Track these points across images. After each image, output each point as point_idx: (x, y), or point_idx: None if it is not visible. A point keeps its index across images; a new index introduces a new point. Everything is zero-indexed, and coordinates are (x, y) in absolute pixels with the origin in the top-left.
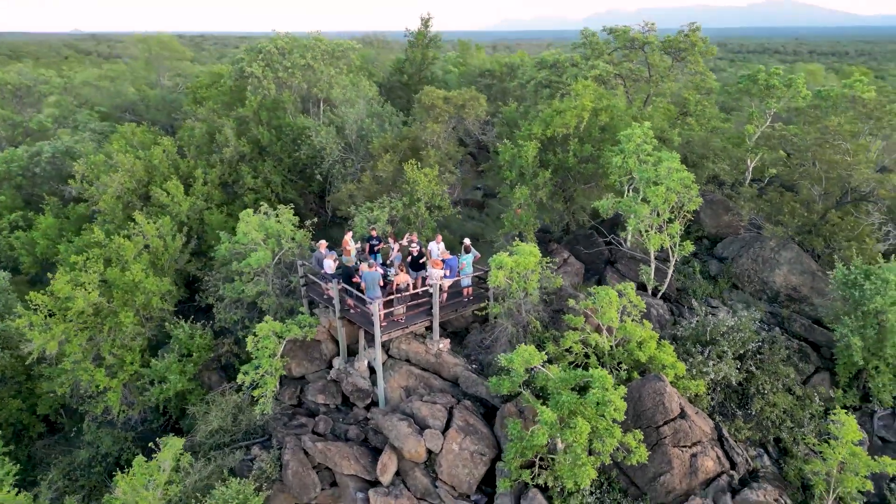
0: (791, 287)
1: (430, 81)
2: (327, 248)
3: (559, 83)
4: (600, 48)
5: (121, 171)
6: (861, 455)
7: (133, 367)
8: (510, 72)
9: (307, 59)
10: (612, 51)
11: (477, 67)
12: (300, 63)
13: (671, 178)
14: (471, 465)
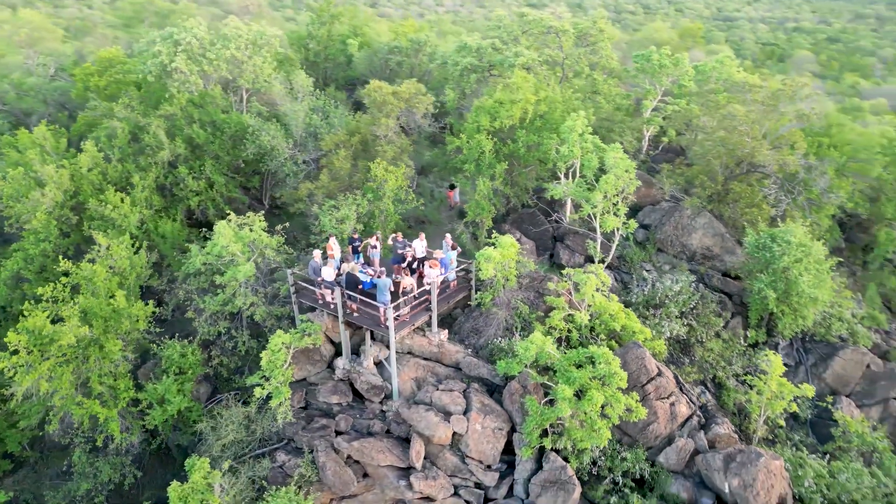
0: (705, 248)
1: (337, 60)
2: (322, 256)
3: (484, 68)
4: (516, 33)
5: (49, 185)
6: (786, 385)
7: (129, 393)
8: (417, 48)
9: (231, 51)
10: (529, 37)
11: (385, 44)
12: (225, 55)
13: (617, 166)
14: (493, 440)
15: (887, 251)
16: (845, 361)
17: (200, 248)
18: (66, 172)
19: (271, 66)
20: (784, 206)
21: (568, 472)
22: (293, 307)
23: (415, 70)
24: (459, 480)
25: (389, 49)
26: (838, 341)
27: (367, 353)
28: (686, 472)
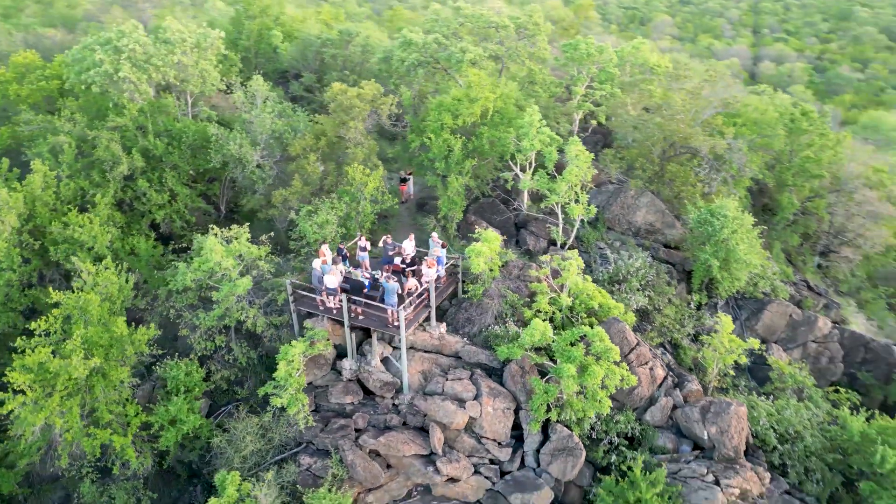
0: (649, 223)
1: (267, 55)
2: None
3: (430, 64)
4: (454, 27)
5: (4, 210)
6: (736, 340)
7: (139, 418)
8: (347, 39)
9: (178, 55)
10: (470, 31)
11: (315, 37)
12: (172, 60)
13: (578, 160)
14: (503, 420)
15: (789, 213)
16: (772, 313)
17: (187, 265)
18: (20, 196)
19: (217, 70)
20: (715, 183)
21: (574, 440)
22: (291, 315)
23: (347, 63)
24: (477, 459)
25: (322, 42)
26: (763, 296)
27: (374, 352)
28: (667, 426)
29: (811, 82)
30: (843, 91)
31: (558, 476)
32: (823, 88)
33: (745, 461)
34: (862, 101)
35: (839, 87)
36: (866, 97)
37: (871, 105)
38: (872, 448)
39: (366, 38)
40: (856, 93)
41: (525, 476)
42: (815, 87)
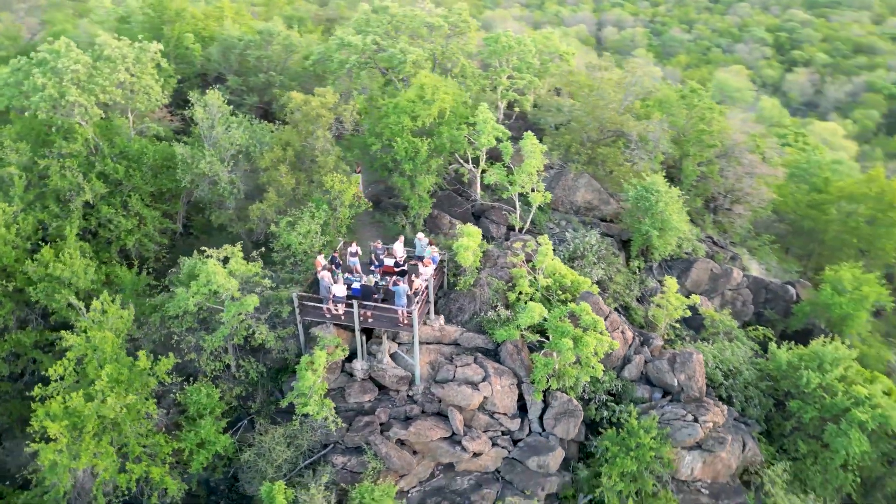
0: (587, 202)
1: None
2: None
3: (372, 65)
4: (386, 27)
5: None
6: (680, 298)
7: (170, 446)
8: (268, 39)
9: (121, 73)
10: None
11: (236, 38)
12: (116, 79)
13: (535, 153)
14: (510, 394)
15: (692, 179)
16: (698, 270)
17: (186, 289)
18: None
19: (160, 84)
20: (643, 162)
21: (574, 403)
22: (297, 326)
23: (270, 64)
24: (492, 433)
25: (245, 43)
26: (687, 256)
27: (384, 350)
28: (639, 379)
29: (650, 45)
30: (678, 52)
31: (562, 436)
32: (661, 51)
33: (708, 399)
34: (693, 60)
35: (673, 48)
36: (696, 57)
37: (701, 64)
38: (797, 373)
39: (286, 38)
40: (687, 53)
41: (537, 441)
42: (654, 50)
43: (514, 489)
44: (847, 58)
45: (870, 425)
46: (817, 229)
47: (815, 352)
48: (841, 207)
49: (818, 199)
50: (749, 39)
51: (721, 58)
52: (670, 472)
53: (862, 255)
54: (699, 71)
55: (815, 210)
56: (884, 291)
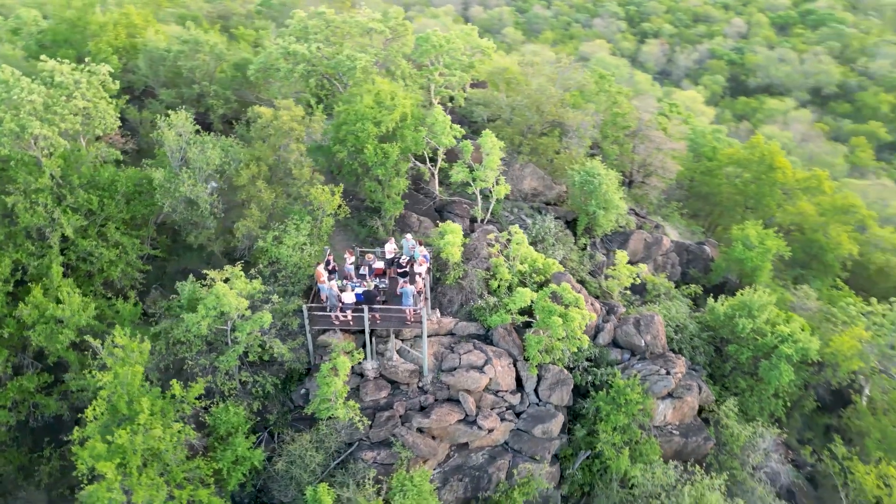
0: (534, 188)
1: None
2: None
3: (319, 72)
4: (325, 34)
5: None
6: (630, 267)
7: (210, 467)
8: (195, 48)
9: (79, 100)
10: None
11: (163, 49)
12: (77, 106)
13: (495, 150)
14: (510, 373)
15: (612, 158)
16: (635, 241)
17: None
18: None
19: (114, 108)
20: (582, 149)
21: (564, 373)
22: (307, 336)
23: (201, 74)
24: (499, 410)
25: (174, 55)
26: (621, 229)
27: (392, 348)
28: (611, 343)
29: (517, 23)
30: (543, 29)
31: (557, 403)
32: (527, 28)
33: (670, 353)
34: (558, 37)
35: (539, 25)
36: (560, 33)
37: (566, 39)
38: (733, 321)
39: (214, 46)
40: (552, 29)
41: (538, 410)
42: (521, 28)
43: (523, 457)
44: (689, 27)
45: (794, 358)
46: (712, 193)
47: (744, 301)
48: (729, 172)
49: (710, 167)
50: (605, 13)
51: (582, 33)
52: (650, 421)
53: (750, 211)
54: (565, 47)
55: (708, 176)
56: (782, 243)
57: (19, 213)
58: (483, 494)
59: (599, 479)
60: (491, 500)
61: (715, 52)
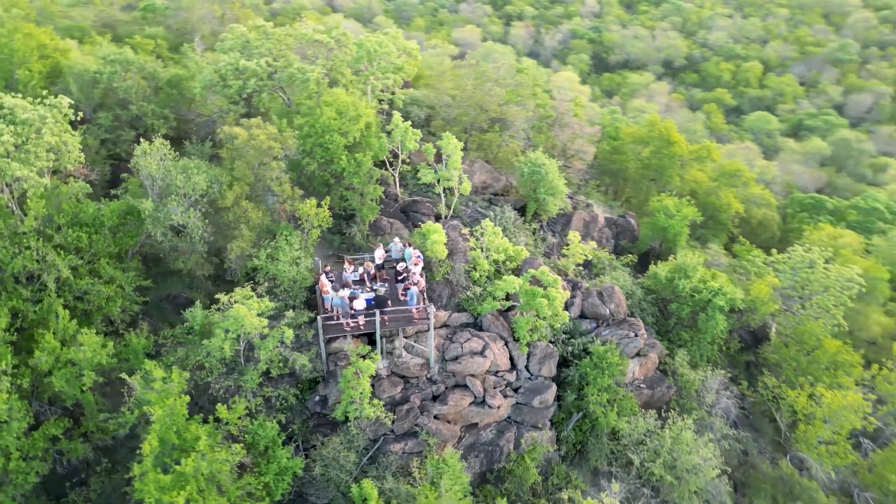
0: (483, 182)
1: None
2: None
3: (268, 86)
4: (268, 46)
5: None
6: (582, 247)
7: (260, 481)
8: (125, 67)
9: (47, 137)
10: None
11: (92, 72)
12: (48, 142)
13: (456, 151)
14: (504, 353)
15: (540, 146)
16: (576, 221)
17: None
18: None
19: (76, 139)
20: (514, 142)
21: (550, 347)
22: (320, 345)
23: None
24: (500, 388)
25: (108, 76)
26: (561, 211)
27: (400, 346)
28: (579, 315)
29: (387, 11)
30: (413, 16)
31: (547, 375)
32: (397, 16)
33: (630, 318)
34: (429, 23)
35: (408, 12)
36: (429, 20)
37: (435, 26)
38: (673, 283)
39: (143, 64)
40: (421, 16)
41: (534, 384)
42: (391, 16)
43: (526, 427)
44: (548, 8)
45: (725, 308)
46: (620, 169)
47: (679, 265)
48: (634, 149)
49: (616, 146)
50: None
51: (451, 18)
52: (624, 379)
53: (654, 182)
54: (438, 34)
55: (616, 154)
56: (694, 210)
57: (4, 260)
58: (497, 466)
59: (591, 435)
60: (505, 469)
61: (576, 32)
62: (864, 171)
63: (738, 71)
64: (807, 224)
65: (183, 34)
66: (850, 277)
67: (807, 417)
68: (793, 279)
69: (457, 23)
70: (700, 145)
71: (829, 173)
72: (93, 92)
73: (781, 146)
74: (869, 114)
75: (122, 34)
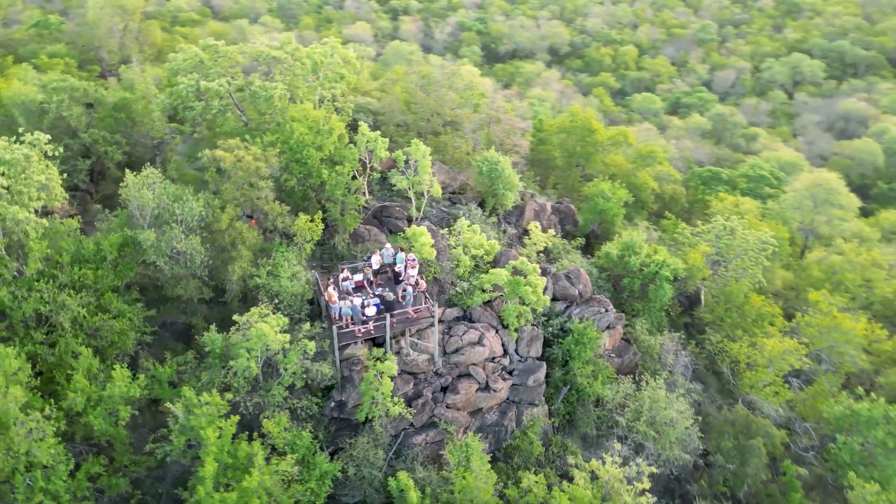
0: (442, 182)
1: None
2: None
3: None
4: (223, 65)
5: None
6: (542, 235)
7: (306, 487)
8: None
9: (36, 177)
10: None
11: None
12: (36, 181)
13: (426, 157)
14: (497, 340)
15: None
16: (528, 211)
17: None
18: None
19: (58, 175)
20: (476, 144)
21: (536, 330)
22: (335, 353)
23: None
24: (499, 372)
25: (56, 104)
26: (515, 203)
27: (406, 345)
28: (552, 298)
29: (271, 10)
30: (298, 15)
31: (535, 355)
32: (283, 15)
33: (596, 296)
34: (316, 21)
35: (293, 11)
36: (316, 18)
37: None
38: (624, 259)
39: (87, 89)
40: (307, 14)
41: (526, 365)
42: (276, 15)
43: (524, 405)
44: (433, 1)
45: (671, 277)
46: (549, 158)
47: (626, 243)
48: (559, 139)
49: (542, 137)
50: None
51: (339, 15)
52: (599, 351)
53: (579, 168)
54: (329, 32)
55: (542, 146)
56: (627, 192)
57: (11, 307)
58: (504, 444)
59: (578, 405)
60: (511, 446)
61: (464, 24)
62: (738, 142)
63: (616, 55)
64: (708, 195)
65: (89, 50)
66: (765, 240)
67: (749, 365)
68: (717, 245)
69: (345, 20)
70: (617, 131)
71: (709, 145)
72: (41, 122)
73: (667, 124)
74: (733, 88)
75: (25, 54)
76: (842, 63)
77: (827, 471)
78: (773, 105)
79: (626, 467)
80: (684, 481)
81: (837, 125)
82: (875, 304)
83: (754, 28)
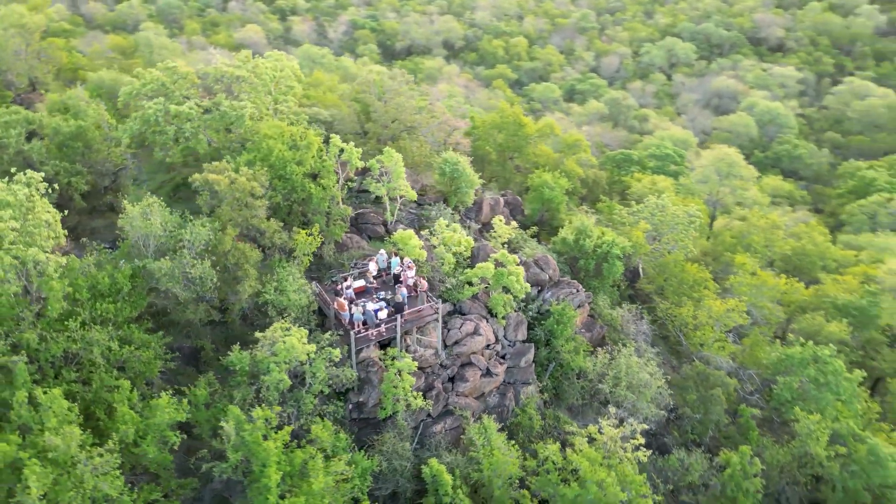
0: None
1: None
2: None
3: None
4: (185, 87)
5: None
6: (506, 228)
7: (352, 484)
8: (26, 126)
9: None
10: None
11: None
12: (41, 218)
13: (399, 163)
14: (489, 328)
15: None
16: (486, 206)
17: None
18: None
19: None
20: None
21: (520, 315)
22: (352, 357)
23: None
24: (495, 358)
25: (15, 139)
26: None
27: (413, 342)
28: None
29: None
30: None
31: (521, 338)
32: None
33: (563, 278)
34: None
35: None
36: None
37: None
38: (579, 243)
39: (40, 119)
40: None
41: (516, 348)
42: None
43: (519, 384)
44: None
45: (620, 255)
46: (484, 153)
47: (578, 227)
48: (492, 135)
49: (478, 133)
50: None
51: (224, 18)
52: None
53: (512, 161)
54: (218, 37)
55: (478, 141)
56: (567, 181)
57: (36, 348)
58: (507, 422)
59: (563, 379)
60: (513, 423)
61: (356, 22)
62: (633, 123)
63: (508, 46)
64: (624, 176)
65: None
66: (692, 213)
67: (696, 326)
68: (651, 222)
69: (233, 23)
70: (544, 123)
71: (609, 129)
72: (1, 158)
73: (568, 111)
74: (618, 73)
75: None
76: (709, 44)
77: (771, 409)
78: (657, 87)
79: (621, 427)
80: (659, 434)
81: (713, 102)
82: (776, 261)
83: (628, 15)
